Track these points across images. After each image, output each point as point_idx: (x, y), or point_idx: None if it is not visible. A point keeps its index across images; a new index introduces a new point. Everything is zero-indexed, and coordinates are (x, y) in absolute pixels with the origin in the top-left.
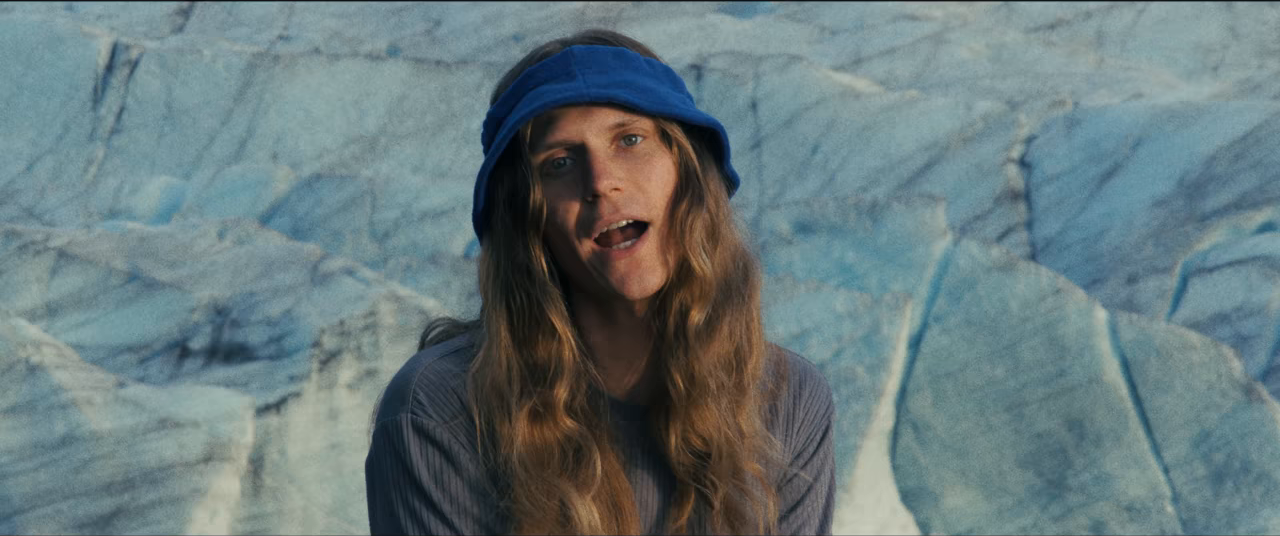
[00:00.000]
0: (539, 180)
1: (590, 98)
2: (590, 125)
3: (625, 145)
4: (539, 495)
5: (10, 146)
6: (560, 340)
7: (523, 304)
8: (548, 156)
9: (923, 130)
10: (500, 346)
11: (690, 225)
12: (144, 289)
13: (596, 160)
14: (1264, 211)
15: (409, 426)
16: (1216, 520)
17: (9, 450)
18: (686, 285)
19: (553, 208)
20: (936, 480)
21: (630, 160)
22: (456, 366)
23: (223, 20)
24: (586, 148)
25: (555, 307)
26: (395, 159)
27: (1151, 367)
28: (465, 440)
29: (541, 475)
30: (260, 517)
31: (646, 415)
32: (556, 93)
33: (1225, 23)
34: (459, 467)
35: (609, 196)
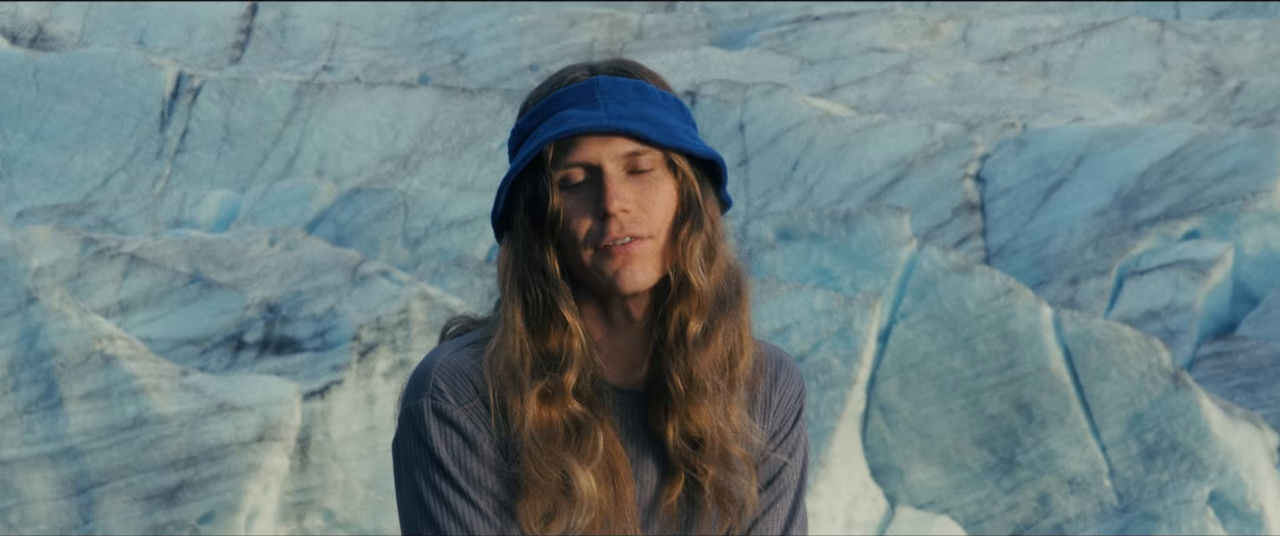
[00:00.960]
0: (558, 192)
1: (609, 128)
2: (607, 150)
3: (636, 171)
4: (545, 465)
5: (88, 164)
6: (571, 332)
7: (537, 297)
8: (567, 173)
9: (890, 149)
10: (515, 333)
11: (691, 246)
12: (204, 289)
13: (610, 183)
14: (1190, 221)
15: (430, 411)
16: (1148, 492)
17: (86, 431)
18: (686, 298)
19: (567, 217)
20: (902, 457)
21: (639, 184)
22: (472, 357)
23: (274, 53)
24: (602, 170)
25: (567, 303)
26: (425, 175)
27: (1091, 358)
28: (479, 422)
29: (548, 449)
30: (306, 490)
31: (644, 402)
32: (581, 119)
33: (1156, 55)
34: (474, 446)
35: (618, 216)
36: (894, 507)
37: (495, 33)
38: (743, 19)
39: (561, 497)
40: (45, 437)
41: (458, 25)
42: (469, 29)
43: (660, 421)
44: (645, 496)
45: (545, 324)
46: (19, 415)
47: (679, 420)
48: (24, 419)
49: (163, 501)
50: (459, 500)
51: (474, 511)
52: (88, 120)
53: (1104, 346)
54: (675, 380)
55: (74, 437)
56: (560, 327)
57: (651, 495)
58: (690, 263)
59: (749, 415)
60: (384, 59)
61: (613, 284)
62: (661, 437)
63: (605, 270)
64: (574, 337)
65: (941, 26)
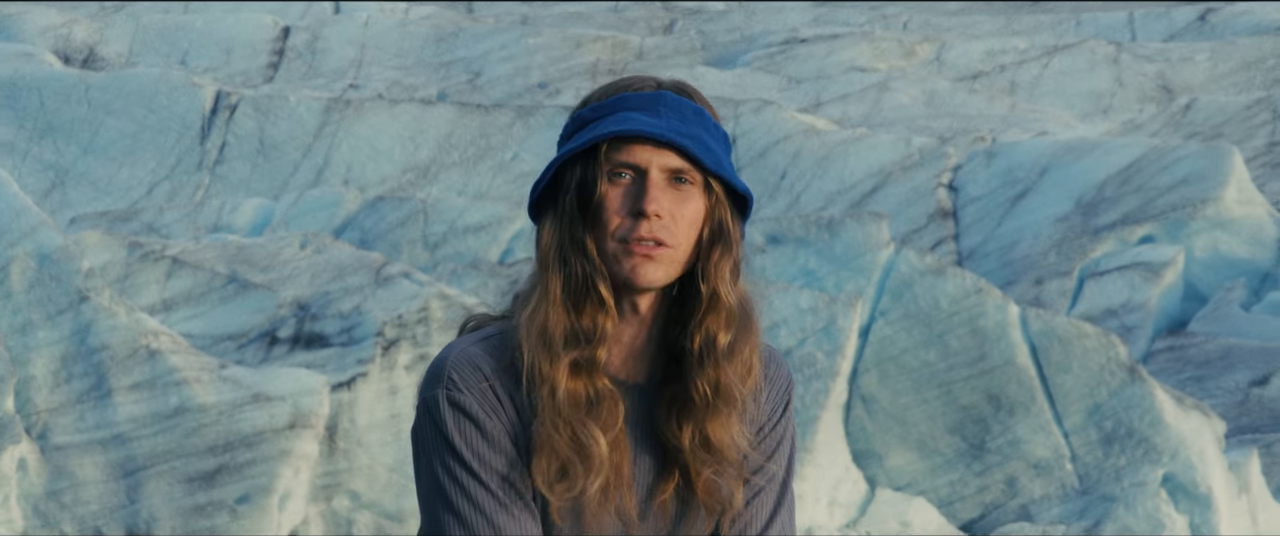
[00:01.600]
0: (606, 180)
1: (667, 139)
2: (657, 158)
3: (675, 182)
4: (564, 427)
5: (134, 175)
6: (606, 310)
7: (578, 273)
8: (617, 168)
9: (870, 161)
10: (553, 304)
11: (722, 265)
12: (241, 289)
13: (652, 187)
14: (1145, 227)
15: (445, 401)
16: (1106, 475)
17: (133, 419)
18: (715, 312)
19: (607, 208)
20: (881, 444)
21: (675, 195)
22: (485, 350)
23: (305, 72)
24: (648, 174)
25: (605, 283)
26: (443, 184)
27: (1054, 352)
28: (491, 410)
29: (573, 414)
30: (334, 474)
31: (642, 397)
32: (644, 123)
33: (1113, 75)
34: (485, 433)
35: (651, 218)
36: (873, 489)
37: (507, 53)
38: (735, 41)
39: (576, 459)
40: (95, 425)
41: (473, 47)
42: (484, 50)
43: (669, 423)
44: (641, 485)
45: (582, 299)
46: (71, 405)
47: (696, 425)
48: (76, 408)
49: (202, 483)
50: (472, 482)
51: (485, 492)
52: (134, 134)
53: (1066, 342)
54: (701, 388)
55: (122, 425)
56: (596, 305)
57: (647, 486)
58: (720, 279)
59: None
60: (405, 78)
61: (629, 277)
62: (663, 437)
63: (625, 262)
64: (608, 316)
65: (917, 48)
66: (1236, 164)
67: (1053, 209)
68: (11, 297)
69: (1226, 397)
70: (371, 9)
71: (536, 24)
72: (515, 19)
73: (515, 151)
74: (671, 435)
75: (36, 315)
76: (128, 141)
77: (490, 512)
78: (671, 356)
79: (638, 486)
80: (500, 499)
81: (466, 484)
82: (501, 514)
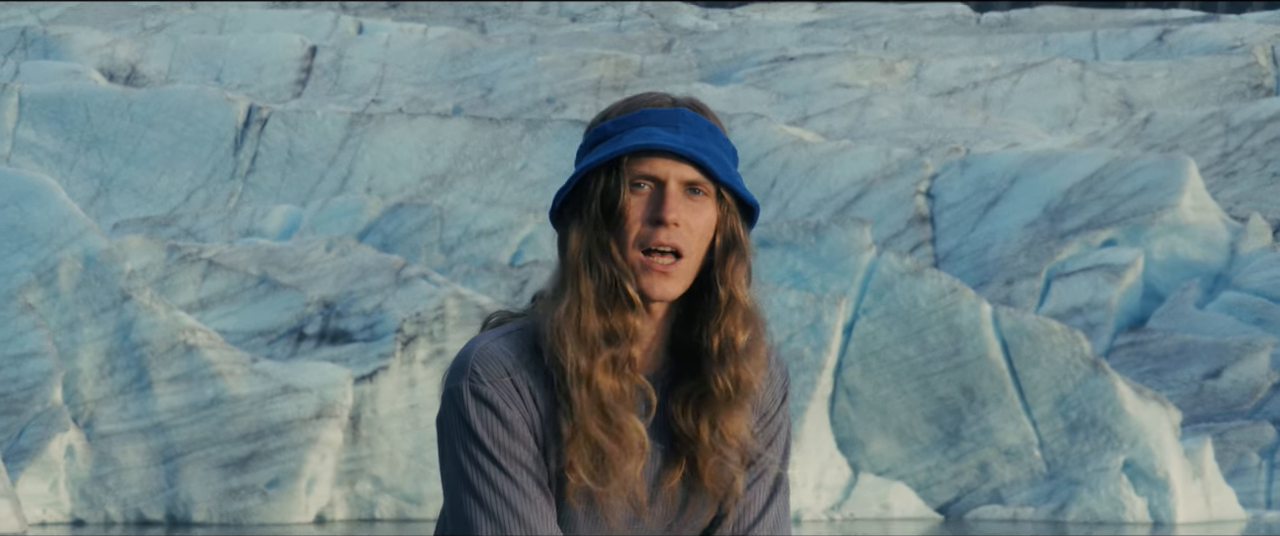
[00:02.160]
0: (628, 190)
1: (685, 154)
2: (675, 171)
3: (691, 193)
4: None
5: (173, 183)
6: (637, 311)
7: (607, 277)
8: (638, 178)
9: (853, 170)
10: (587, 305)
11: (737, 270)
12: (271, 289)
13: (670, 198)
14: (1107, 231)
15: (468, 391)
16: (1071, 461)
17: (172, 408)
18: (732, 314)
19: (629, 216)
20: (864, 431)
21: (691, 204)
22: (507, 345)
23: (330, 88)
24: (666, 185)
25: (633, 284)
26: (458, 192)
27: (1023, 347)
28: (511, 401)
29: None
30: (357, 459)
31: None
32: (665, 138)
33: (1078, 91)
34: (506, 422)
35: (670, 226)
36: (857, 474)
37: (518, 71)
38: (728, 59)
39: (615, 449)
40: (137, 415)
41: (486, 64)
42: (496, 68)
43: (685, 417)
44: (648, 476)
45: (613, 302)
46: (115, 396)
47: (713, 419)
48: (119, 399)
49: (236, 469)
50: (493, 468)
51: (505, 477)
52: (173, 146)
53: (1034, 337)
54: (723, 384)
55: (161, 415)
56: (626, 305)
57: (654, 476)
58: (737, 283)
59: None
60: (423, 93)
61: (647, 291)
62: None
63: (644, 278)
64: (639, 316)
65: (897, 66)
66: (1192, 173)
67: (1022, 215)
68: (60, 297)
69: (1182, 389)
70: (392, 30)
71: (544, 43)
72: (525, 39)
73: (525, 161)
74: (687, 427)
75: (83, 313)
76: (167, 152)
77: (509, 496)
78: (681, 353)
79: (647, 474)
80: (518, 484)
81: (487, 469)
82: (519, 497)
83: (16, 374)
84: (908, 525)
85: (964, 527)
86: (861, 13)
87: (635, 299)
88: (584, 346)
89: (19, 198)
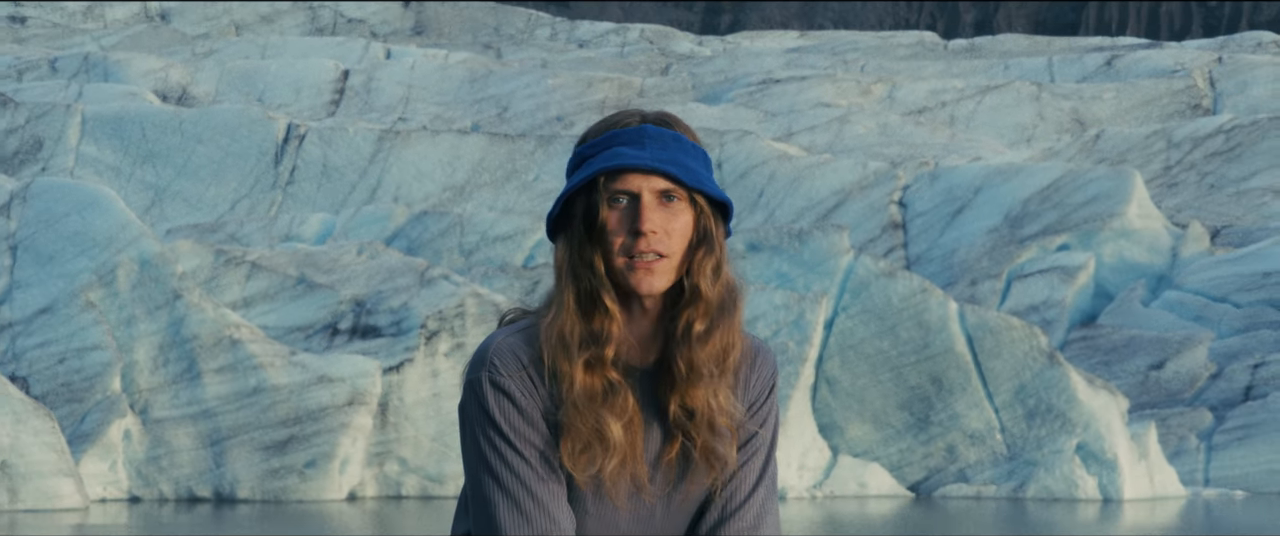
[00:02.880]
0: (606, 207)
1: (651, 167)
2: (647, 184)
3: (665, 201)
4: (586, 417)
5: (220, 193)
6: (611, 316)
7: (587, 287)
8: (614, 195)
9: (833, 181)
10: (568, 313)
11: (703, 264)
12: (308, 289)
13: (645, 209)
14: (1061, 237)
15: (487, 382)
16: (1030, 444)
17: (219, 397)
18: (695, 304)
19: (610, 230)
20: (842, 418)
21: (666, 212)
22: (521, 339)
23: (361, 108)
24: (640, 198)
25: (609, 294)
26: (476, 201)
27: (986, 341)
28: (526, 391)
29: (590, 406)
30: (385, 442)
31: (653, 378)
32: (632, 157)
33: (1036, 110)
34: (521, 409)
35: (648, 235)
36: (836, 456)
37: (530, 92)
38: (720, 81)
39: (595, 442)
40: (187, 402)
41: (502, 86)
42: (510, 89)
43: (665, 395)
44: (650, 452)
45: (592, 308)
46: (167, 385)
47: (680, 396)
48: (171, 388)
49: (276, 451)
50: (510, 452)
51: (521, 460)
52: (219, 160)
53: (996, 332)
54: (680, 365)
55: (209, 402)
56: (603, 312)
57: (655, 452)
58: (702, 276)
59: (733, 391)
60: (445, 112)
61: (636, 287)
62: (665, 408)
63: (631, 276)
64: (613, 321)
65: (872, 87)
66: (1138, 185)
67: (985, 222)
68: (118, 296)
69: (1129, 379)
70: (417, 55)
71: (554, 67)
72: (537, 63)
73: (537, 174)
74: (664, 404)
75: (138, 310)
76: (214, 166)
77: (524, 476)
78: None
79: (647, 452)
80: (533, 466)
81: (505, 452)
82: (534, 478)
83: (79, 365)
84: (882, 502)
85: (933, 504)
86: (840, 40)
87: (610, 306)
88: (566, 350)
89: (81, 207)
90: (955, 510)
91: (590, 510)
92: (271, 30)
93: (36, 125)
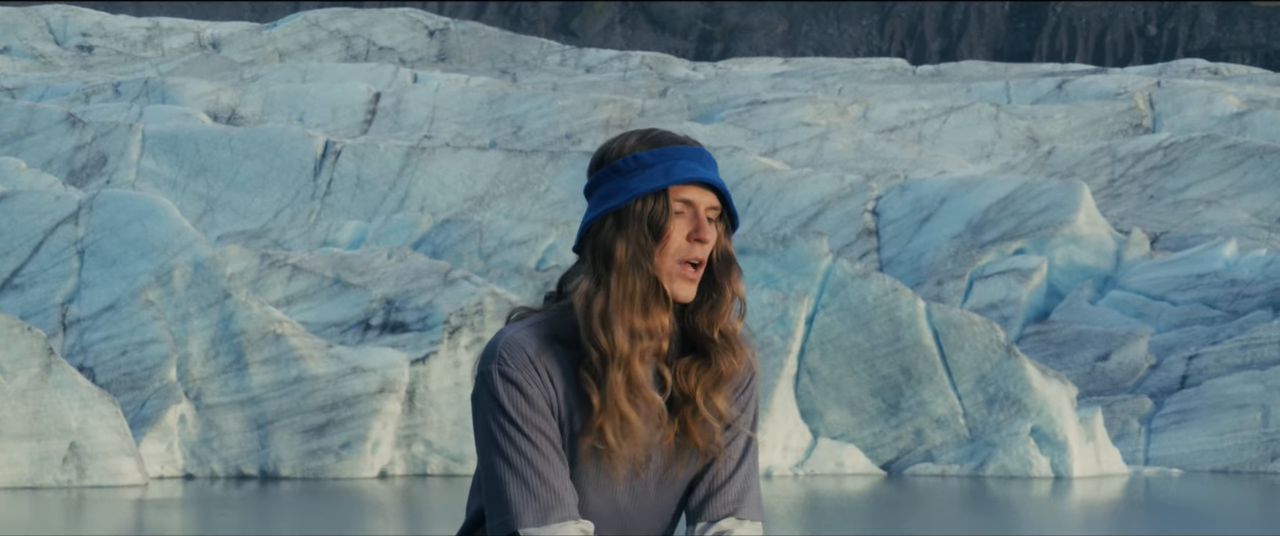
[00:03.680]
0: (673, 215)
1: (716, 184)
2: (705, 198)
3: (713, 218)
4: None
5: (265, 203)
6: (668, 312)
7: (650, 279)
8: (679, 203)
9: (814, 192)
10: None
11: (734, 273)
12: (343, 288)
13: (704, 221)
14: (1018, 242)
15: (497, 373)
16: (989, 427)
17: (263, 385)
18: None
19: (672, 234)
20: (822, 404)
21: (712, 227)
22: (528, 334)
23: (391, 126)
24: (699, 210)
25: (668, 286)
26: (494, 210)
27: (951, 336)
28: (531, 381)
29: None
30: (412, 426)
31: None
32: (703, 173)
33: (994, 129)
34: (528, 398)
35: (706, 242)
36: (816, 438)
37: (542, 112)
38: (712, 103)
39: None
40: (236, 390)
41: (516, 107)
42: (524, 110)
43: (689, 383)
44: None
45: (650, 302)
46: (218, 375)
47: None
48: (221, 377)
49: (315, 433)
50: (517, 434)
51: (527, 442)
52: (264, 173)
53: (960, 328)
54: (727, 364)
55: (255, 390)
56: (661, 304)
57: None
58: (734, 282)
59: None
60: (466, 130)
61: (675, 293)
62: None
63: (675, 282)
64: (669, 314)
65: (849, 108)
66: (1085, 196)
67: (950, 229)
68: (174, 295)
69: (1078, 369)
70: (441, 79)
71: (564, 90)
72: (548, 86)
73: (548, 185)
74: (687, 390)
75: (192, 308)
76: (259, 179)
77: (531, 457)
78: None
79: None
80: (538, 447)
81: (513, 436)
82: (539, 458)
83: (139, 357)
84: (857, 480)
85: (903, 481)
86: (820, 65)
87: (669, 304)
88: (630, 338)
89: (141, 215)
90: (923, 487)
91: (591, 486)
92: (311, 57)
93: (102, 142)
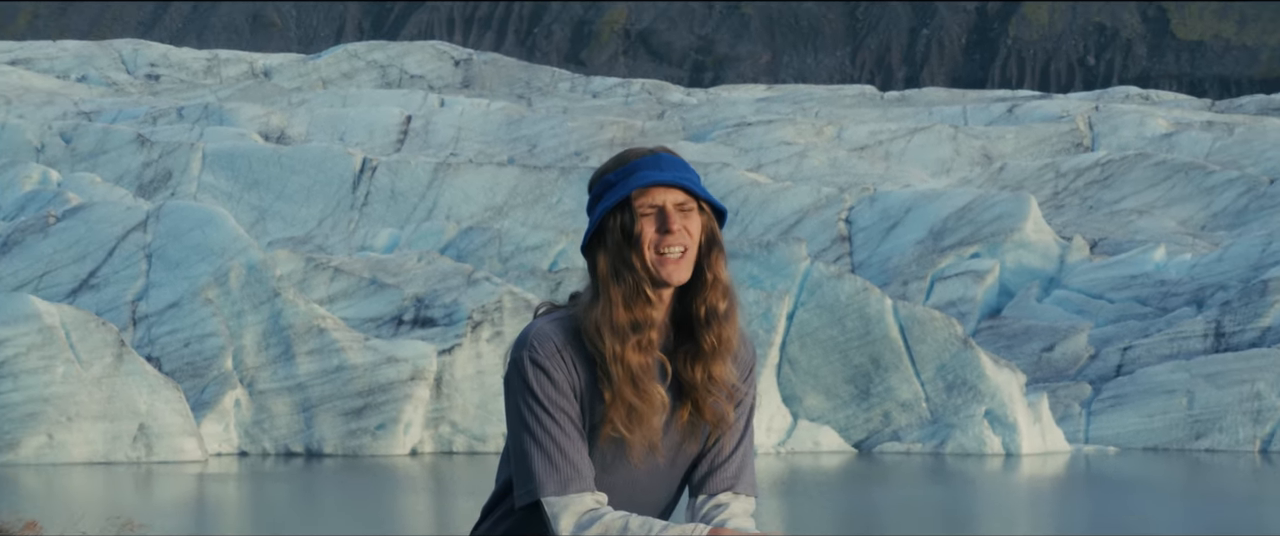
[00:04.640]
0: (639, 219)
1: (671, 182)
2: (668, 197)
3: (683, 209)
4: (638, 387)
5: (309, 213)
6: (653, 305)
7: (630, 284)
8: (644, 207)
9: (794, 203)
10: (616, 305)
11: (717, 260)
12: (379, 288)
13: (670, 216)
14: (974, 247)
15: (527, 360)
16: (948, 410)
17: (309, 373)
18: (714, 289)
19: (642, 233)
20: (801, 390)
21: (684, 216)
22: (555, 327)
23: (421, 145)
24: (665, 208)
25: (649, 286)
26: (512, 219)
27: (915, 330)
28: (558, 368)
29: (643, 378)
30: (440, 410)
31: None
32: (658, 176)
33: (953, 147)
34: (554, 382)
35: (675, 232)
36: (796, 420)
37: (554, 132)
38: (704, 124)
39: (642, 407)
40: (284, 377)
41: (531, 128)
42: (538, 130)
43: (686, 367)
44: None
45: (634, 301)
46: (269, 365)
47: (705, 367)
48: (271, 366)
49: (354, 416)
50: (545, 416)
51: (553, 423)
52: (309, 187)
53: (923, 323)
54: (710, 341)
55: (301, 377)
56: (645, 302)
57: (667, 416)
58: (718, 267)
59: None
60: (487, 149)
61: (667, 278)
62: (681, 377)
63: (662, 269)
64: (655, 309)
65: (824, 129)
66: (1033, 206)
67: (913, 235)
68: (230, 294)
69: (1027, 360)
70: (465, 103)
71: (574, 113)
72: (559, 109)
73: (559, 197)
74: (688, 376)
75: (246, 305)
76: (305, 191)
77: (556, 436)
78: (680, 325)
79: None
80: (563, 428)
81: (541, 416)
82: (563, 437)
83: (200, 349)
84: (832, 457)
85: (872, 458)
86: (799, 92)
87: (652, 297)
88: (618, 335)
89: (201, 224)
90: (890, 463)
91: (610, 466)
92: (350, 84)
93: (167, 160)
